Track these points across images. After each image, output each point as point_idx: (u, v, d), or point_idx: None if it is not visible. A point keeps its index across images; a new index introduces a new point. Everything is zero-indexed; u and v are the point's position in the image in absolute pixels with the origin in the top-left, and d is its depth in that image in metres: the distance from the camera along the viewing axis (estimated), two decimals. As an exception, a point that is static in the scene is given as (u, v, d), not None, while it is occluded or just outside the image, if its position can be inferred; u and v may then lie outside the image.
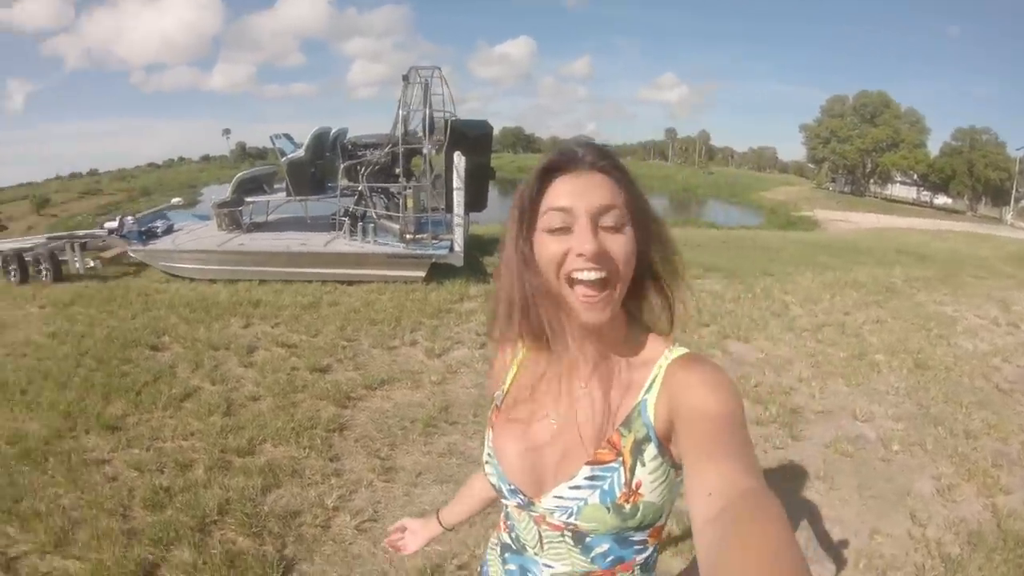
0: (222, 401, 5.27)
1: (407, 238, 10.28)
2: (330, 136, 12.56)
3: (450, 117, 10.86)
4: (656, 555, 1.11)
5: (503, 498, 1.14)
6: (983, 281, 11.54)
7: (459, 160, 9.73)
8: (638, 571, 1.07)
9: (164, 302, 8.77)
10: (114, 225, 11.79)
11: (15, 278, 10.52)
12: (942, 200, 62.90)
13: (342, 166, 11.50)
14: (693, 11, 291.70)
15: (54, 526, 3.49)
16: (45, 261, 10.60)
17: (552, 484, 1.05)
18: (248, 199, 12.17)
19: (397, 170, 11.06)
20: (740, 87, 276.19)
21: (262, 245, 10.65)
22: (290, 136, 12.81)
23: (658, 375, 1.01)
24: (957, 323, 8.05)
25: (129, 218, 12.03)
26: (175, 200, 16.75)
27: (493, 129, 12.17)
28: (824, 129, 68.14)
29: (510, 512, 1.17)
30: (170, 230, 12.09)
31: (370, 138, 11.85)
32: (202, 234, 11.61)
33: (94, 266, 11.16)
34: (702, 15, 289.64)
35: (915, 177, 64.52)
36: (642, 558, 1.07)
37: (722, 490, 0.75)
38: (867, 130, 63.74)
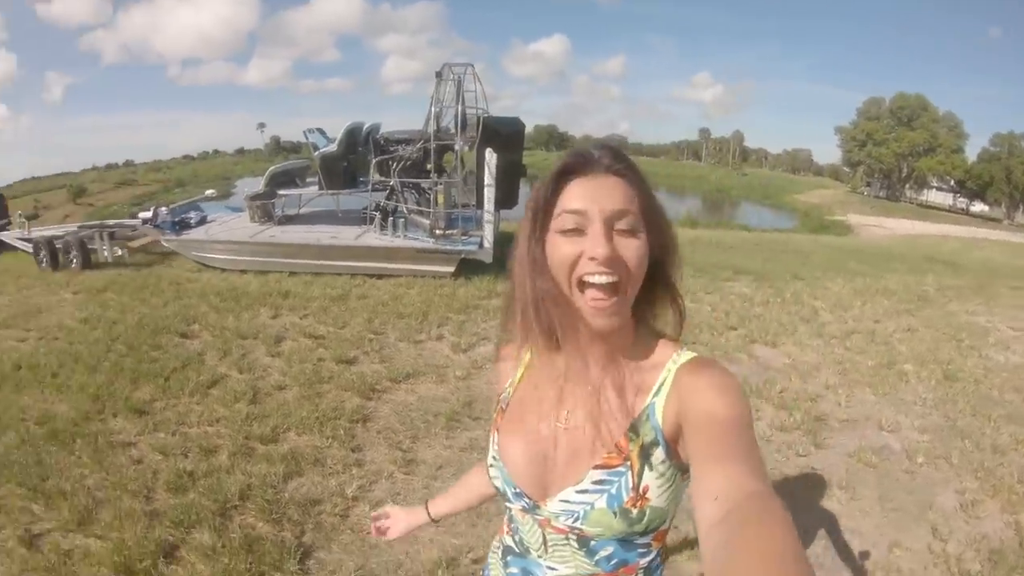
0: (248, 389, 5.30)
1: (437, 233, 10.27)
2: (363, 131, 12.58)
3: (482, 114, 10.81)
4: (660, 559, 1.10)
5: (507, 501, 1.13)
6: (1018, 292, 11.17)
7: (491, 157, 9.70)
8: (641, 575, 1.07)
9: (195, 291, 8.90)
10: (148, 215, 12.01)
11: (46, 264, 10.83)
12: (978, 207, 61.70)
13: (374, 161, 11.50)
14: (728, 9, 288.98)
15: (78, 505, 3.54)
16: (75, 249, 10.91)
17: (558, 488, 1.04)
18: (280, 192, 12.25)
19: (429, 166, 11.04)
20: (775, 87, 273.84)
21: (293, 237, 10.71)
22: (323, 131, 12.90)
23: (667, 378, 1.00)
24: (989, 334, 7.79)
25: (163, 208, 12.21)
26: (209, 192, 16.97)
27: (525, 126, 12.10)
28: (860, 132, 67.23)
29: (514, 515, 1.15)
30: (203, 221, 12.26)
31: (402, 134, 11.83)
32: (234, 225, 11.73)
33: (121, 254, 11.45)
34: (737, 13, 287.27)
35: (951, 183, 63.47)
36: (646, 561, 1.06)
37: (728, 493, 0.74)
38: (904, 133, 62.75)
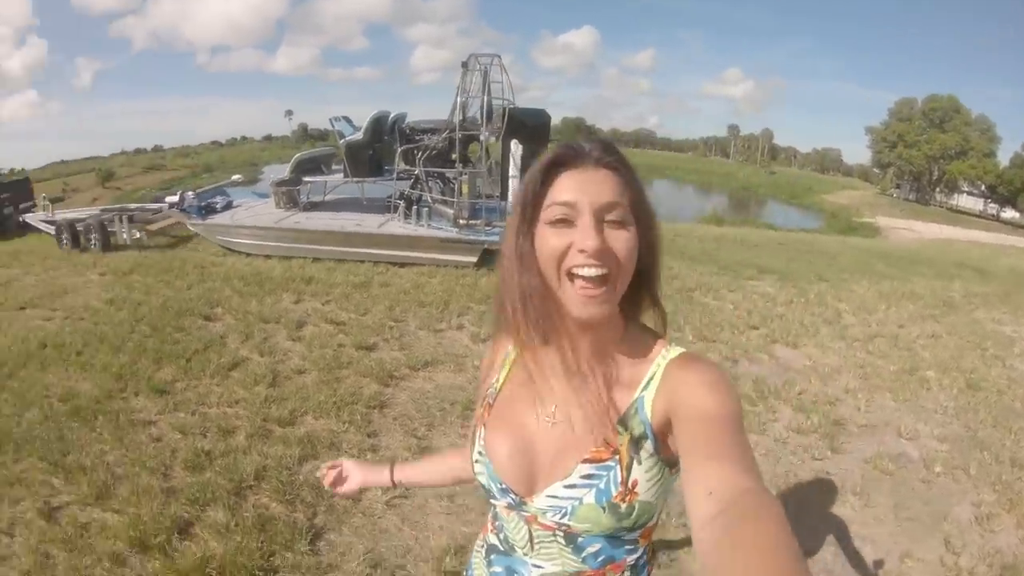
0: (268, 372, 5.34)
1: (460, 223, 10.29)
2: (389, 120, 12.63)
3: (508, 105, 10.81)
4: (646, 556, 1.09)
5: (492, 498, 1.11)
6: (1046, 302, 11.03)
7: (516, 148, 9.69)
8: (628, 572, 1.06)
9: (220, 275, 8.99)
10: (175, 199, 12.14)
11: (67, 245, 11.09)
12: (1010, 214, 60.28)
13: (399, 150, 11.55)
14: (760, 5, 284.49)
15: (97, 480, 3.60)
16: (95, 231, 11.16)
17: (545, 483, 1.02)
18: (306, 179, 12.34)
19: (454, 156, 11.09)
20: (806, 85, 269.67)
21: (318, 224, 10.77)
22: (349, 119, 12.96)
23: (656, 373, 0.98)
24: (1015, 344, 7.61)
25: (190, 193, 12.39)
26: (235, 177, 17.18)
27: (551, 118, 12.10)
28: (891, 133, 66.28)
29: (499, 512, 1.13)
30: (229, 206, 12.38)
31: (428, 123, 11.87)
32: (260, 211, 11.82)
33: (140, 237, 11.67)
34: (769, 9, 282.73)
35: (982, 188, 62.40)
36: (633, 559, 1.05)
37: (721, 490, 0.74)
38: (935, 136, 61.69)
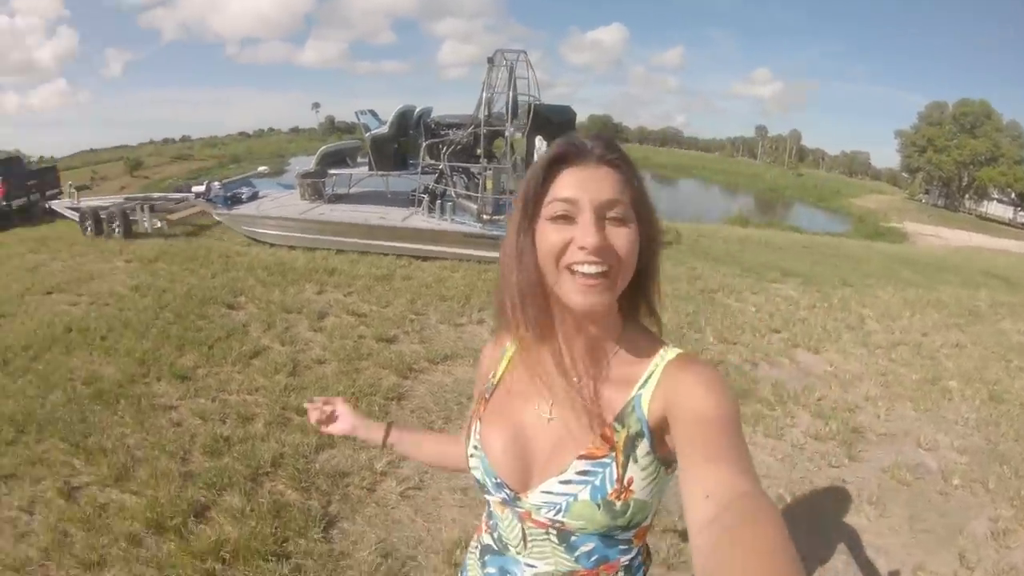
0: (289, 361, 5.39)
1: (484, 218, 10.30)
2: (414, 114, 12.68)
3: (534, 101, 10.80)
4: (641, 558, 1.09)
5: (487, 493, 1.10)
6: (1075, 315, 10.80)
7: (541, 144, 9.68)
8: (623, 573, 1.05)
9: (243, 264, 9.07)
10: (201, 189, 12.31)
11: (90, 232, 11.38)
12: (1040, 223, 59.57)
13: (424, 144, 11.58)
14: (791, 5, 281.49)
15: (117, 462, 3.67)
16: (117, 219, 11.39)
17: (540, 478, 1.02)
18: (331, 171, 12.42)
19: (478, 151, 11.11)
20: (836, 87, 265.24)
21: (342, 216, 10.85)
22: (375, 112, 13.01)
23: (654, 372, 0.98)
24: (1040, 357, 7.51)
25: (216, 183, 12.52)
26: (261, 168, 17.30)
27: (576, 115, 12.07)
28: (921, 137, 65.21)
29: (493, 510, 1.13)
30: (255, 196, 12.50)
31: (453, 118, 11.91)
32: (285, 202, 11.93)
33: (160, 226, 11.82)
34: (800, 10, 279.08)
35: (1012, 195, 61.33)
36: (627, 559, 1.05)
37: (719, 493, 0.74)
38: (966, 141, 60.50)
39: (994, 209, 62.55)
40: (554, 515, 0.99)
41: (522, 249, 0.98)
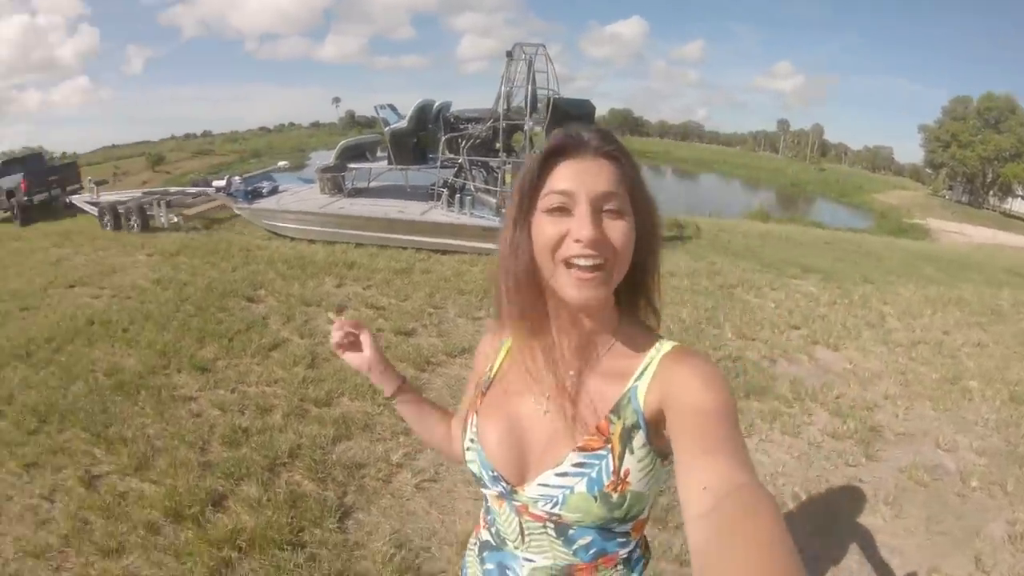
0: (307, 354, 5.43)
1: (503, 212, 10.25)
2: (433, 108, 12.71)
3: (553, 95, 10.79)
4: (640, 551, 1.09)
5: (483, 487, 1.10)
6: (1098, 314, 10.61)
7: (560, 138, 9.66)
8: (621, 566, 1.05)
9: (264, 258, 9.16)
10: (221, 183, 12.38)
11: (109, 226, 11.67)
12: (1066, 221, 58.62)
13: (443, 138, 11.60)
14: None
15: (137, 452, 3.74)
16: (135, 214, 11.65)
17: (537, 471, 1.01)
18: (351, 165, 12.49)
19: (497, 145, 11.11)
20: (859, 81, 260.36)
21: (361, 210, 10.90)
22: (394, 107, 13.04)
23: (650, 365, 0.98)
24: (1063, 357, 7.38)
25: (237, 178, 12.61)
26: (282, 163, 17.45)
27: (596, 109, 12.04)
28: (944, 132, 64.16)
29: (490, 505, 1.13)
30: (275, 191, 12.59)
31: (472, 112, 11.90)
32: (305, 196, 12.01)
33: (177, 221, 12.05)
34: (821, 3, 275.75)
35: (1037, 193, 60.48)
36: (625, 552, 1.05)
37: (716, 485, 0.74)
38: (990, 136, 59.47)
39: (1019, 206, 61.47)
40: (551, 508, 0.99)
41: (518, 242, 0.98)
